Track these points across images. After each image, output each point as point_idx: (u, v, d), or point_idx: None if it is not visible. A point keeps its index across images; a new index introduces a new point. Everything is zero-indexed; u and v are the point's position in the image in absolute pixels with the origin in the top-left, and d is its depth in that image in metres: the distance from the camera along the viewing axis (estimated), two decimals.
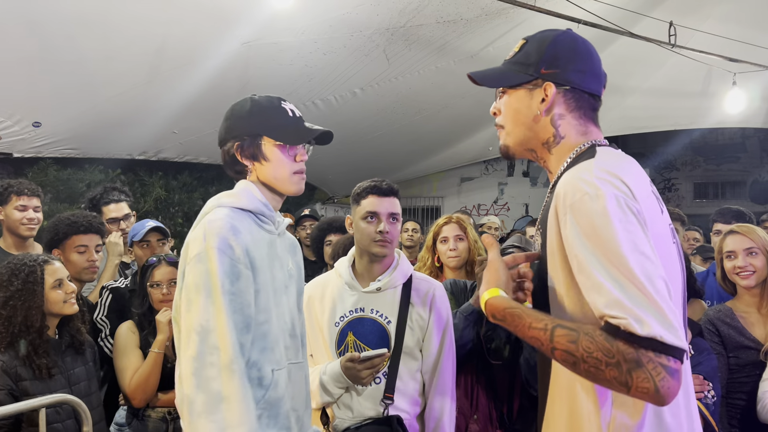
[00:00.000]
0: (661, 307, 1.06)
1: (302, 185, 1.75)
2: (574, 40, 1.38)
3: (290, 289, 1.75)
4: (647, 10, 5.42)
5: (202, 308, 1.50)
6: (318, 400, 2.05)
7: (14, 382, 2.13)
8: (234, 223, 1.57)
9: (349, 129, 6.67)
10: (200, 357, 1.48)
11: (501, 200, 11.04)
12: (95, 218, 2.98)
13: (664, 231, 1.24)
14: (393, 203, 2.13)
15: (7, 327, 2.18)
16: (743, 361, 2.47)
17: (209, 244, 1.52)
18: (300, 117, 1.74)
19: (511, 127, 1.40)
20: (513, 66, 1.39)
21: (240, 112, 1.71)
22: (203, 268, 1.51)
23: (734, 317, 2.53)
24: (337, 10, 4.58)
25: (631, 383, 1.05)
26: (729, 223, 3.37)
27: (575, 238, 1.15)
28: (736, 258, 2.52)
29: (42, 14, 3.89)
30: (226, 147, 1.71)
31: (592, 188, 1.15)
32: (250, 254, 1.57)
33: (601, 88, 1.39)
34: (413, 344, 2.10)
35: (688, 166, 11.69)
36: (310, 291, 2.18)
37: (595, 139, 1.36)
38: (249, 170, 1.70)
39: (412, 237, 5.39)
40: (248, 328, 1.55)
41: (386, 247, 2.09)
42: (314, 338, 2.13)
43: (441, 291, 2.21)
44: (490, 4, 4.81)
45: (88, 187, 5.69)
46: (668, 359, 1.04)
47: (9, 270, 2.23)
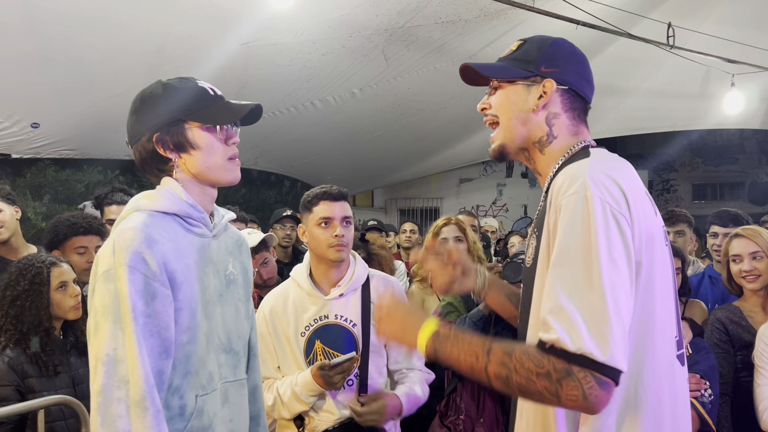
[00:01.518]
0: (610, 323, 1.06)
1: (238, 172, 1.50)
2: (573, 47, 1.41)
3: (226, 297, 1.53)
4: (646, 12, 5.43)
5: (110, 335, 1.28)
6: (292, 410, 2.07)
7: (21, 379, 2.16)
8: (150, 232, 1.35)
9: (348, 129, 6.68)
10: (106, 391, 1.27)
11: (500, 201, 11.05)
12: (95, 219, 2.97)
13: (658, 233, 1.24)
14: (345, 207, 2.15)
15: (15, 325, 2.20)
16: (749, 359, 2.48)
17: (118, 259, 1.31)
18: (221, 95, 1.50)
19: (506, 119, 1.38)
20: (512, 62, 1.40)
21: (153, 99, 1.45)
22: (112, 287, 1.30)
23: (743, 316, 2.57)
24: (336, 10, 4.59)
25: (560, 393, 1.06)
26: (726, 225, 3.38)
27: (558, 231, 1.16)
28: (741, 262, 2.55)
29: (41, 14, 3.88)
30: (141, 143, 1.45)
31: (583, 188, 1.15)
32: (169, 267, 1.36)
33: (592, 95, 1.41)
34: (379, 342, 2.13)
35: (687, 168, 11.71)
36: (271, 303, 2.19)
37: (585, 140, 1.37)
38: (174, 165, 1.45)
39: (410, 238, 5.39)
40: (168, 353, 1.35)
41: (342, 251, 2.11)
42: (281, 350, 2.14)
43: (398, 285, 2.27)
44: (488, 4, 4.81)
45: (86, 188, 5.69)
46: (599, 375, 1.05)
47: (17, 270, 2.27)
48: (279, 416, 2.13)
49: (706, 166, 11.60)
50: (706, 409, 2.17)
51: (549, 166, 1.37)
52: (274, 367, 2.15)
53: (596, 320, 1.07)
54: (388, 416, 2.02)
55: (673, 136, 8.96)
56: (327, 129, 6.48)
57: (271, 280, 3.03)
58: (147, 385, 1.28)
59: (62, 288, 2.28)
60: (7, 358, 2.16)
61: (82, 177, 5.86)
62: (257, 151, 6.79)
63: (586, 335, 1.06)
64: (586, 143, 1.36)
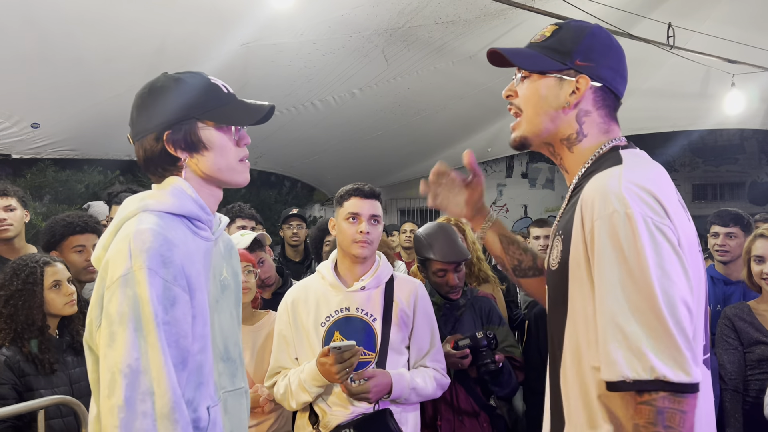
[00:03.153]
0: (675, 340, 1.07)
1: (248, 174, 1.45)
2: (610, 37, 1.33)
3: (222, 304, 1.46)
4: (646, 12, 5.42)
5: (130, 344, 1.19)
6: (297, 400, 2.07)
7: (18, 377, 2.17)
8: (167, 234, 1.28)
9: (348, 130, 6.67)
10: (129, 406, 1.18)
11: (500, 201, 11.03)
12: (91, 218, 3.00)
13: (694, 240, 1.22)
14: (375, 206, 2.18)
15: (9, 324, 2.22)
16: (757, 356, 2.52)
17: (137, 262, 1.22)
18: (234, 93, 1.44)
19: (533, 114, 1.31)
20: (545, 50, 1.31)
21: (164, 95, 1.36)
22: (130, 293, 1.21)
23: (751, 314, 2.59)
24: (336, 11, 4.58)
25: (668, 425, 1.07)
26: (726, 225, 3.38)
27: (601, 253, 1.13)
28: (764, 263, 2.56)
29: (41, 14, 3.88)
30: (147, 139, 1.36)
31: (622, 205, 1.12)
32: (186, 272, 1.29)
33: (624, 91, 1.34)
34: (399, 341, 2.14)
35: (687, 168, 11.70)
36: (294, 295, 2.21)
37: (615, 138, 1.31)
38: (183, 165, 1.38)
39: (411, 238, 5.39)
40: (184, 363, 1.27)
41: (366, 248, 2.12)
42: (300, 341, 2.16)
43: (423, 289, 2.28)
44: (488, 5, 4.81)
45: (87, 189, 5.69)
46: (679, 397, 1.06)
47: (12, 270, 2.28)
48: (288, 406, 2.13)
49: (706, 166, 11.59)
50: None
51: (577, 165, 1.32)
52: (292, 358, 2.17)
53: (660, 342, 1.07)
54: (377, 390, 2.01)
55: (673, 136, 8.95)
56: (327, 129, 6.48)
57: (269, 280, 3.02)
58: (175, 396, 1.21)
59: (56, 287, 2.29)
60: (3, 357, 2.18)
61: (83, 177, 5.86)
62: (257, 151, 6.79)
63: (654, 360, 1.06)
64: (616, 142, 1.30)
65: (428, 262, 2.50)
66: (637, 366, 1.06)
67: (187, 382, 1.30)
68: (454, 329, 2.47)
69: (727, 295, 3.22)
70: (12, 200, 2.99)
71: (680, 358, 1.06)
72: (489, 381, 2.40)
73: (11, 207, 2.99)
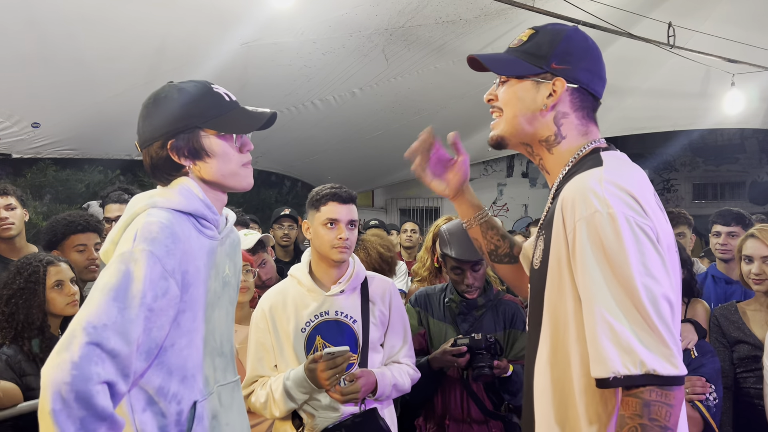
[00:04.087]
0: (662, 335, 1.10)
1: (251, 178, 1.50)
2: (586, 39, 1.36)
3: (223, 300, 1.52)
4: (646, 11, 5.43)
5: (103, 309, 1.20)
6: (282, 408, 2.04)
7: (19, 377, 2.16)
8: (174, 229, 1.32)
9: (348, 129, 6.67)
10: (84, 363, 1.18)
11: (500, 201, 11.04)
12: (92, 217, 3.00)
13: (671, 241, 1.24)
14: (352, 210, 2.16)
15: (10, 323, 2.21)
16: (741, 355, 2.55)
17: (141, 245, 1.26)
18: (236, 101, 1.49)
19: (511, 115, 1.35)
20: (522, 55, 1.34)
21: (167, 103, 1.43)
22: (124, 269, 1.24)
23: (736, 313, 2.61)
24: (336, 10, 4.58)
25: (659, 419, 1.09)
26: (728, 224, 3.38)
27: (584, 254, 1.15)
28: (752, 263, 2.57)
29: (41, 14, 3.88)
30: (153, 148, 1.42)
31: (604, 205, 1.14)
32: (184, 268, 1.33)
33: (603, 91, 1.37)
34: (376, 340, 2.17)
35: (687, 167, 11.70)
36: (270, 301, 2.18)
37: (595, 139, 1.34)
38: (188, 172, 1.43)
39: (411, 238, 5.39)
40: (149, 354, 1.28)
41: (345, 253, 2.13)
42: (280, 347, 2.13)
43: (395, 287, 2.31)
44: (489, 4, 4.81)
45: (87, 188, 5.69)
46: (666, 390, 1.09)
47: (15, 269, 2.28)
48: (270, 415, 2.10)
49: (706, 165, 11.59)
50: (710, 413, 2.17)
51: (558, 167, 1.34)
52: (271, 365, 2.14)
53: (648, 337, 1.09)
54: (365, 389, 2.03)
55: (674, 135, 8.95)
56: (327, 128, 6.48)
57: (270, 281, 3.02)
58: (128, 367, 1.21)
59: (58, 287, 2.28)
60: (4, 356, 2.17)
61: (83, 177, 5.85)
62: (258, 151, 6.74)
63: (644, 354, 1.09)
64: (596, 144, 1.33)
65: (446, 258, 2.50)
66: (628, 361, 1.09)
67: (171, 377, 1.33)
68: (472, 328, 2.45)
69: (728, 294, 3.22)
70: (12, 199, 3.00)
71: (667, 351, 1.09)
72: (500, 388, 2.38)
73: (11, 206, 2.99)
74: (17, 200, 3.03)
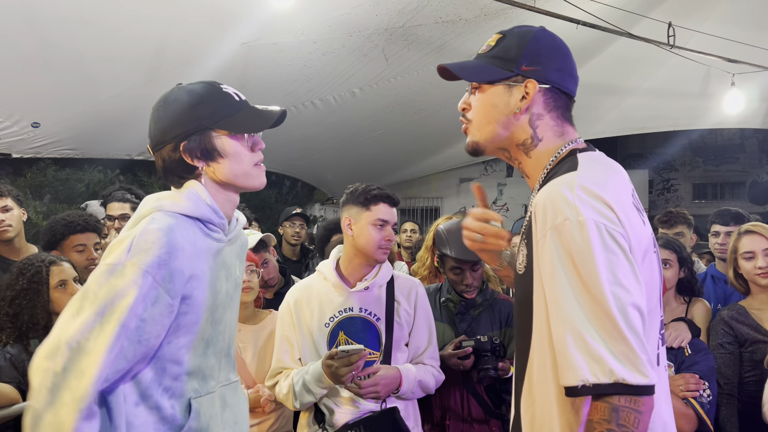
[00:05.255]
0: (630, 344, 1.09)
1: (264, 177, 1.51)
2: (554, 39, 1.35)
3: (234, 301, 1.55)
4: (646, 11, 5.42)
5: (88, 324, 1.26)
6: (301, 400, 2.08)
7: (22, 376, 2.16)
8: (173, 237, 1.33)
9: (348, 129, 6.67)
10: (65, 374, 1.25)
11: (500, 201, 11.03)
12: (91, 217, 2.99)
13: (647, 243, 1.23)
14: (395, 213, 2.21)
15: (14, 324, 2.22)
16: (759, 356, 2.47)
17: (133, 259, 1.28)
18: (246, 100, 1.50)
19: (483, 123, 1.35)
20: (491, 60, 1.34)
21: (178, 107, 1.43)
22: (113, 282, 1.28)
23: (747, 314, 2.56)
24: (336, 10, 4.58)
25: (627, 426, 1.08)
26: (727, 224, 3.37)
27: (553, 262, 1.14)
28: (755, 258, 2.52)
29: (41, 14, 3.88)
30: (165, 150, 1.43)
31: (574, 212, 1.13)
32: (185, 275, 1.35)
33: (576, 89, 1.36)
34: (401, 339, 2.18)
35: (687, 167, 11.71)
36: (296, 295, 2.22)
37: (572, 140, 1.33)
38: (201, 173, 1.44)
39: (411, 238, 5.39)
40: (146, 359, 1.34)
41: (387, 254, 2.18)
42: (303, 342, 2.17)
43: (422, 288, 2.31)
44: (488, 4, 4.81)
45: (87, 188, 5.69)
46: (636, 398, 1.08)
47: (18, 269, 2.28)
48: (291, 407, 2.14)
49: (706, 165, 11.60)
50: (704, 409, 2.18)
51: (537, 170, 1.34)
52: (295, 358, 2.17)
53: (617, 345, 1.08)
54: (387, 387, 2.04)
55: (674, 135, 8.96)
56: (327, 128, 6.47)
57: (272, 281, 3.02)
58: (93, 388, 1.25)
59: (61, 286, 2.29)
60: (8, 355, 2.18)
61: (83, 176, 5.86)
62: None
63: (613, 363, 1.08)
64: (574, 145, 1.32)
65: (445, 258, 2.50)
66: (597, 369, 1.08)
67: (165, 374, 1.38)
68: (470, 328, 2.46)
69: (727, 294, 3.22)
70: (7, 200, 2.95)
71: (636, 360, 1.08)
72: (501, 389, 2.38)
73: (7, 207, 2.94)
74: (14, 200, 2.99)
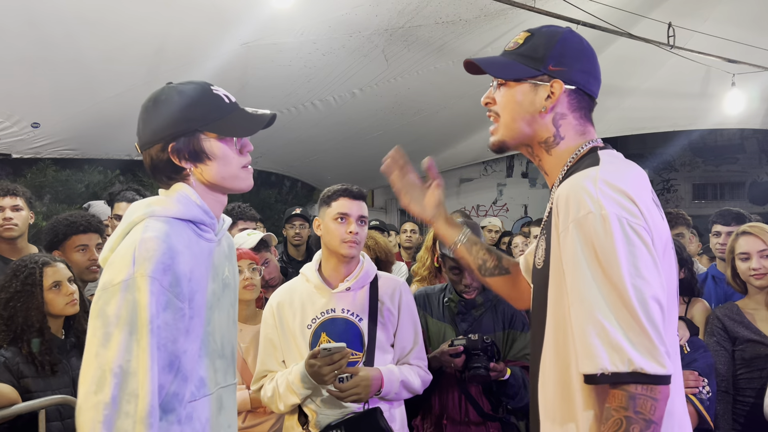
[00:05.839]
0: (650, 335, 1.11)
1: (251, 180, 1.51)
2: (581, 41, 1.38)
3: (222, 302, 1.53)
4: (646, 11, 5.42)
5: (124, 346, 1.26)
6: (286, 402, 2.08)
7: (16, 379, 2.15)
8: (171, 242, 1.34)
9: (348, 129, 6.67)
10: (115, 404, 1.25)
11: (500, 201, 11.04)
12: (93, 218, 3.00)
13: (667, 239, 1.26)
14: (362, 206, 2.19)
15: (8, 326, 2.20)
16: (749, 354, 2.50)
17: (140, 269, 1.29)
18: (236, 102, 1.49)
19: (510, 119, 1.36)
20: (519, 57, 1.36)
21: (168, 107, 1.43)
22: (131, 298, 1.28)
23: (741, 313, 2.58)
24: (336, 10, 4.58)
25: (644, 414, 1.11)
26: (728, 224, 3.38)
27: (576, 254, 1.17)
28: (750, 260, 2.54)
29: (41, 14, 3.88)
30: (153, 150, 1.43)
31: (597, 206, 1.15)
32: (188, 278, 1.36)
33: (598, 91, 1.39)
34: (385, 339, 2.17)
35: (687, 167, 11.71)
36: (279, 297, 2.22)
37: (592, 139, 1.36)
38: (189, 174, 1.44)
39: (411, 238, 5.39)
40: (171, 366, 1.35)
41: (354, 248, 2.15)
42: (287, 344, 2.16)
43: (406, 287, 2.30)
44: (489, 5, 4.81)
45: (87, 188, 5.69)
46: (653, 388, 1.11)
47: (12, 271, 2.27)
48: (276, 409, 2.14)
49: (706, 165, 11.60)
50: (704, 405, 2.19)
51: (557, 167, 1.36)
52: (279, 360, 2.17)
53: (636, 336, 1.11)
54: (368, 388, 2.02)
55: (674, 135, 8.95)
56: (327, 129, 6.47)
57: (273, 280, 3.02)
58: (153, 401, 1.27)
59: (56, 287, 2.27)
60: (2, 358, 2.16)
61: (83, 177, 5.86)
62: (257, 151, 6.71)
63: (632, 353, 1.10)
64: (594, 143, 1.35)
65: (445, 258, 2.51)
66: (616, 359, 1.11)
67: (176, 378, 1.37)
68: (471, 328, 2.45)
69: (728, 294, 3.22)
70: (20, 200, 3.02)
71: (655, 351, 1.11)
72: (498, 392, 2.38)
73: (18, 207, 3.00)
74: (25, 202, 3.05)
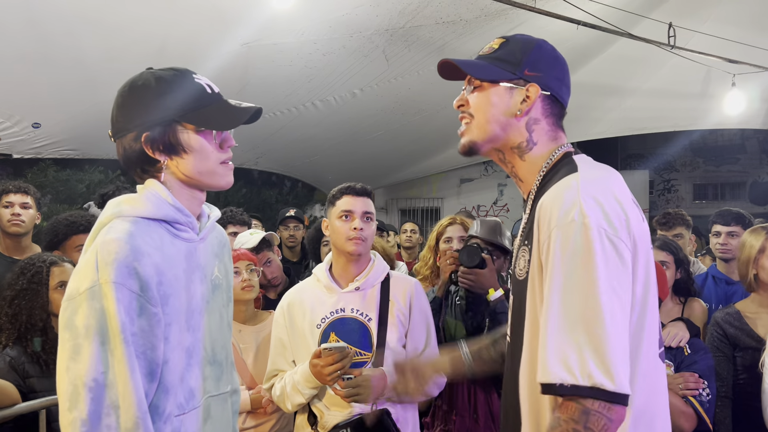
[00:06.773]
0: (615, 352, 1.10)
1: (231, 176, 1.40)
2: (554, 50, 1.40)
3: (212, 305, 1.43)
4: (646, 12, 5.42)
5: (96, 358, 1.17)
6: (293, 401, 2.09)
7: (22, 379, 2.16)
8: (136, 243, 1.23)
9: (349, 130, 6.67)
10: (93, 420, 1.16)
11: (500, 201, 11.03)
12: (93, 218, 3.00)
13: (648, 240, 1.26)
14: (367, 203, 2.17)
15: (13, 324, 2.22)
16: (748, 361, 2.48)
17: (103, 275, 1.19)
18: (219, 93, 1.37)
19: (484, 121, 1.36)
20: (495, 61, 1.37)
21: (143, 94, 1.31)
22: (98, 306, 1.19)
23: (741, 319, 2.56)
24: (336, 11, 4.59)
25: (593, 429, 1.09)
26: (728, 224, 3.38)
27: (554, 261, 1.16)
28: None
29: (42, 14, 3.88)
30: (126, 139, 1.32)
31: (580, 215, 1.15)
32: (158, 281, 1.25)
33: (568, 101, 1.40)
34: (396, 340, 2.14)
35: (688, 168, 11.71)
36: (289, 298, 2.23)
37: (563, 144, 1.36)
38: (163, 166, 1.33)
39: (411, 238, 5.39)
40: (153, 375, 1.25)
41: (360, 245, 2.13)
42: (296, 344, 2.16)
43: (419, 287, 2.28)
44: (489, 5, 4.81)
45: (88, 188, 5.69)
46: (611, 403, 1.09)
47: (19, 269, 2.29)
48: (285, 408, 2.15)
49: (707, 166, 11.59)
50: (704, 408, 2.19)
51: (532, 174, 1.36)
52: (289, 360, 2.18)
53: (601, 351, 1.09)
54: (370, 389, 2.00)
55: (674, 136, 8.96)
56: (328, 129, 6.48)
57: (275, 280, 3.02)
58: (140, 412, 1.19)
59: (61, 287, 2.27)
60: (8, 357, 2.17)
61: (84, 177, 5.86)
62: (258, 152, 6.79)
63: (593, 368, 1.08)
64: (566, 149, 1.35)
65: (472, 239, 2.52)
66: (577, 371, 1.09)
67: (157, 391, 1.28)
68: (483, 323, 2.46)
69: (728, 294, 3.22)
70: (29, 199, 3.14)
71: (617, 369, 1.09)
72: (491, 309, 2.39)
73: (27, 205, 3.12)
74: (34, 201, 3.17)
